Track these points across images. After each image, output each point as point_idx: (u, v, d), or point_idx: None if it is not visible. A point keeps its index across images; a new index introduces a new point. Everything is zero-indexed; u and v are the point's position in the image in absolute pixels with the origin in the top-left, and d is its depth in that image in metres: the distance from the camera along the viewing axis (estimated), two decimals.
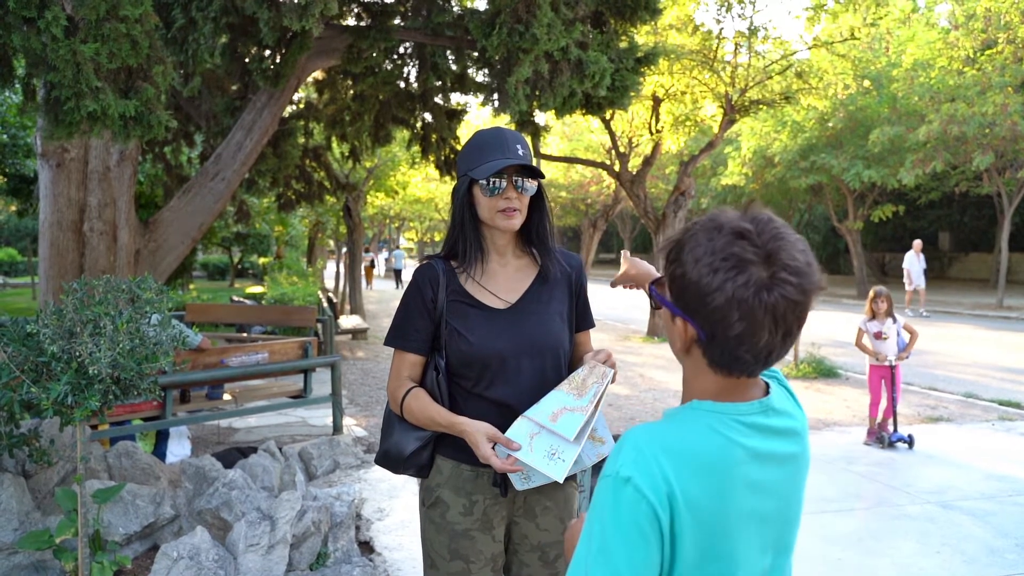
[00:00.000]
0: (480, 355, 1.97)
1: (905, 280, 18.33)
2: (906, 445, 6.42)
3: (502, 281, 2.06)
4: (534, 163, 2.04)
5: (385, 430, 2.11)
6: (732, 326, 1.10)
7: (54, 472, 4.04)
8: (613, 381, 1.93)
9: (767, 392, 1.25)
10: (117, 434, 5.23)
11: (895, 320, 6.63)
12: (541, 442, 1.80)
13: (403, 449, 2.03)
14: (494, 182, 1.95)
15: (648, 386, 9.61)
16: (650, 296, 1.27)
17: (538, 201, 2.07)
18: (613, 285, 2.18)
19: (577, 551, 1.16)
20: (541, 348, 2.03)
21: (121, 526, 3.87)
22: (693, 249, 1.14)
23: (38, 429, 3.70)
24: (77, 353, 3.14)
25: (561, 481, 1.77)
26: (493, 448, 1.85)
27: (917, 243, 18.37)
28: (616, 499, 1.13)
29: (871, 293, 6.74)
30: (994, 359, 11.72)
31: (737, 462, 1.16)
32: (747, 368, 1.16)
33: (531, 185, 2.01)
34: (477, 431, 1.87)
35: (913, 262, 18.10)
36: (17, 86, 4.59)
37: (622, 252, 2.16)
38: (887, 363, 6.52)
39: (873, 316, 6.66)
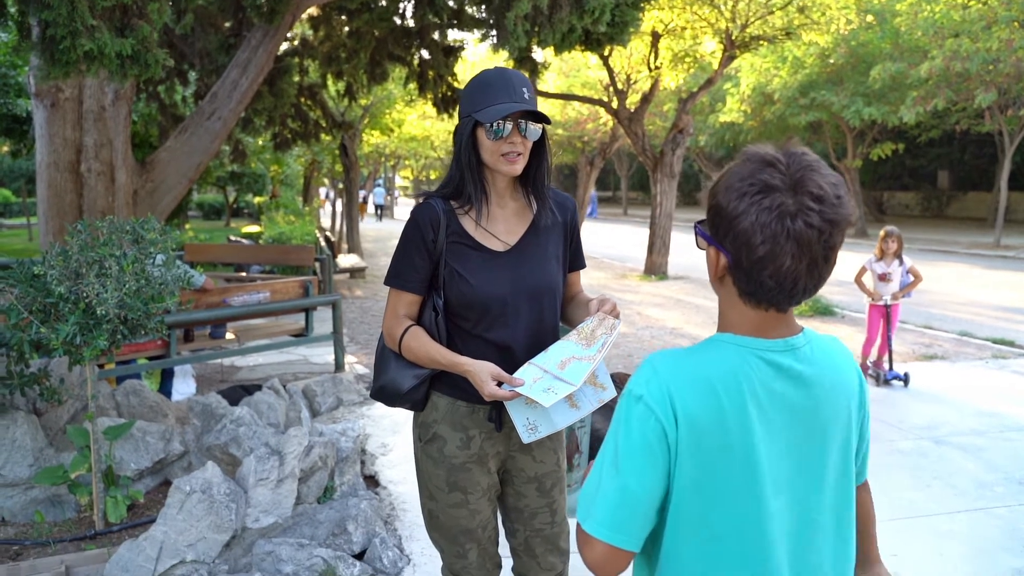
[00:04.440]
0: (481, 298, 1.98)
1: None
2: (901, 383, 6.47)
3: (501, 223, 2.06)
4: (538, 107, 2.02)
5: (380, 365, 2.13)
6: (755, 249, 1.15)
7: (64, 411, 4.11)
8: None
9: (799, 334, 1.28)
10: (123, 373, 5.31)
11: (902, 262, 6.59)
12: (542, 384, 1.84)
13: (400, 385, 2.06)
14: (499, 125, 1.92)
15: (645, 324, 9.70)
16: (696, 234, 1.32)
17: (539, 146, 2.04)
18: None
19: (595, 463, 1.24)
20: (539, 292, 2.04)
21: (132, 462, 3.96)
22: (727, 178, 1.20)
23: (47, 368, 3.76)
24: (84, 294, 3.18)
25: (547, 406, 1.78)
26: (499, 386, 1.88)
27: None
28: (628, 415, 1.21)
29: (882, 232, 6.64)
30: (990, 298, 11.81)
31: (744, 392, 1.19)
32: (772, 296, 1.19)
33: (536, 129, 1.98)
34: (481, 370, 1.90)
35: None
36: (10, 24, 4.51)
37: None
38: (881, 303, 6.56)
39: (882, 256, 6.62)
